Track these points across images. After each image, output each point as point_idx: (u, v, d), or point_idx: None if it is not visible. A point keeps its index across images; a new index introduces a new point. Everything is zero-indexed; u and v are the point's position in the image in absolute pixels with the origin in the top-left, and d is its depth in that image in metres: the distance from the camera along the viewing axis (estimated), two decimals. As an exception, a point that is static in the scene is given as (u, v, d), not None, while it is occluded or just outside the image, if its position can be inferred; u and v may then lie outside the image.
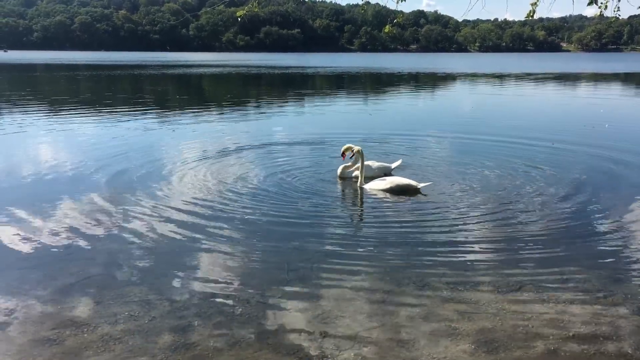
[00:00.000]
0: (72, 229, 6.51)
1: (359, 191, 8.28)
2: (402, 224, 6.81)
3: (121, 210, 7.20)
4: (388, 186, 8.12)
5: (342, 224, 6.94)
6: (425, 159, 10.77)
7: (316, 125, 15.80)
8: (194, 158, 10.67)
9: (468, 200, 7.76)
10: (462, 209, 7.36)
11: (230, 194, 8.02)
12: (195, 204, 7.50)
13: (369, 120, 17.42)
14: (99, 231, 6.46)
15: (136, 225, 6.65)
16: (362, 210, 7.67)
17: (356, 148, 8.75)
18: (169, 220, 6.83)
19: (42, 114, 17.94)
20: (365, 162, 8.86)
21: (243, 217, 6.97)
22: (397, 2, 8.07)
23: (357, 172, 8.69)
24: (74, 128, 14.99)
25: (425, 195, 8.05)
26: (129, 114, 18.19)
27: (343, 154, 8.97)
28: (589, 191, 8.27)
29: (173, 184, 8.64)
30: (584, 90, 33.19)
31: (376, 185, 8.25)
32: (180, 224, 6.70)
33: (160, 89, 32.27)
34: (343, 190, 8.40)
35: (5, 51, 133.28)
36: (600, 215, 7.14)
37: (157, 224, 6.70)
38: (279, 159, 10.59)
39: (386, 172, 9.25)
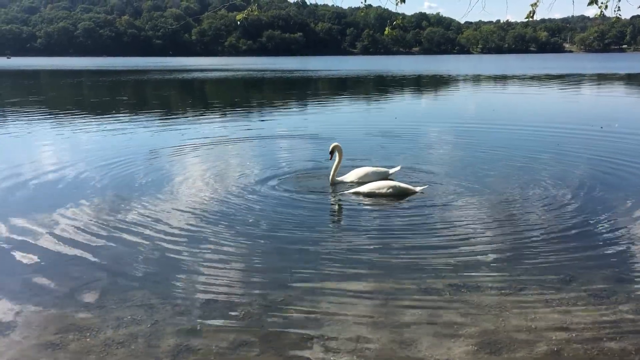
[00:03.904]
0: (75, 234, 6.53)
1: (358, 195, 8.24)
2: (402, 227, 6.80)
3: (123, 215, 7.22)
4: (389, 190, 8.08)
5: (344, 227, 6.93)
6: (431, 159, 10.78)
7: (324, 126, 15.77)
8: (197, 161, 10.70)
9: (469, 201, 7.75)
10: (463, 210, 7.35)
11: (233, 197, 8.03)
12: (198, 208, 7.51)
13: (390, 121, 17.41)
14: (101, 236, 6.47)
15: (139, 229, 6.67)
16: (362, 214, 7.63)
17: (333, 144, 8.94)
18: (171, 224, 6.85)
19: (46, 120, 18.02)
20: (362, 168, 9.06)
21: (245, 220, 6.98)
22: (397, 4, 8.06)
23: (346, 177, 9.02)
24: (78, 133, 15.06)
25: (426, 197, 8.03)
26: (134, 119, 18.26)
27: (331, 154, 8.99)
28: (593, 191, 8.24)
29: (176, 187, 8.66)
30: (591, 90, 33.01)
31: (375, 189, 8.20)
32: (183, 227, 6.72)
33: (165, 93, 32.37)
34: (343, 194, 8.38)
35: (8, 57, 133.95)
36: (604, 215, 7.11)
37: (159, 227, 6.71)
38: (282, 162, 10.62)
39: (383, 177, 9.12)
